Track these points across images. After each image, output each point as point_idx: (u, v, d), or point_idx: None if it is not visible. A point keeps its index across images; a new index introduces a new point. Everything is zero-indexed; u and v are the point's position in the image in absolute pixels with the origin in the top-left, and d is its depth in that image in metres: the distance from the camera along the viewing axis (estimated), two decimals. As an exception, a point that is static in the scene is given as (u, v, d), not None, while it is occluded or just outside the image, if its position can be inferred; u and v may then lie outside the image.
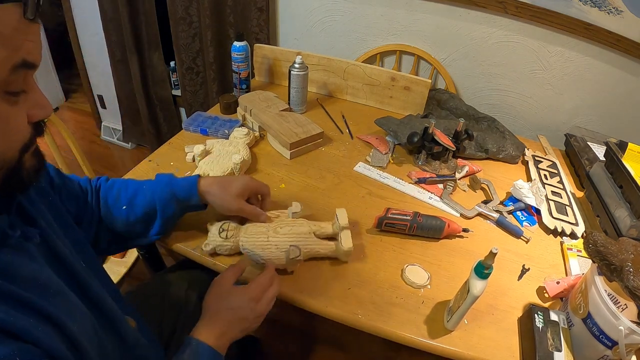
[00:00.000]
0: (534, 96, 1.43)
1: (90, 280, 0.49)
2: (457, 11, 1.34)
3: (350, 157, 1.01)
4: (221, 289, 0.61)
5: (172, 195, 0.67)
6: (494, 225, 0.85)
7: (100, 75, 2.11)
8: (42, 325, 0.36)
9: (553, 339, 0.59)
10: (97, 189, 0.68)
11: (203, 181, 0.69)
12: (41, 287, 0.39)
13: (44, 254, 0.44)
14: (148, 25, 1.75)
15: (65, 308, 0.40)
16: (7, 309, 0.34)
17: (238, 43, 1.12)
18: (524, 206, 0.89)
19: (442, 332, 0.63)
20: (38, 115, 0.39)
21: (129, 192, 0.68)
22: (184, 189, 0.68)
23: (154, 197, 0.67)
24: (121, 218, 0.66)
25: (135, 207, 0.67)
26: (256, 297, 0.60)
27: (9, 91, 0.35)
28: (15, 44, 0.33)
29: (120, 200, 0.67)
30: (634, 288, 0.51)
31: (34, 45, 0.35)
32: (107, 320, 0.49)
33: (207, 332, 0.57)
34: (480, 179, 0.95)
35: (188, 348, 0.55)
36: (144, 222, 0.68)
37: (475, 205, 0.87)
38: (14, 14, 0.33)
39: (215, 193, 0.68)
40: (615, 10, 1.17)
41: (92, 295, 0.48)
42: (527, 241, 0.82)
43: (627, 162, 0.87)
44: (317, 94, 1.30)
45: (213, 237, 0.69)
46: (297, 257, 0.66)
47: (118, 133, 2.29)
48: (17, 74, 0.34)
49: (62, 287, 0.42)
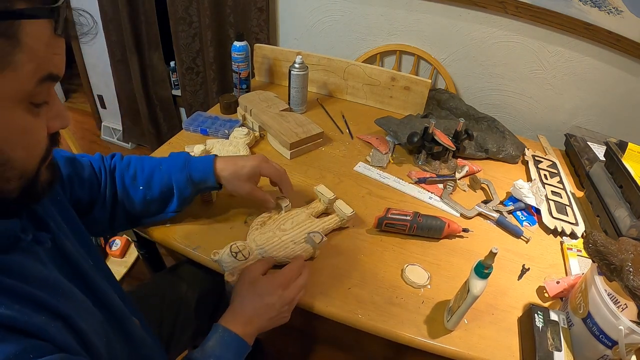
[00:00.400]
0: (534, 96, 1.43)
1: (98, 280, 0.49)
2: (457, 11, 1.34)
3: (350, 157, 1.01)
4: (249, 278, 0.61)
5: (188, 177, 0.67)
6: (494, 225, 0.85)
7: (100, 75, 2.11)
8: (54, 322, 0.36)
9: (553, 338, 0.59)
10: (112, 169, 0.67)
11: (218, 163, 0.69)
12: (51, 287, 0.39)
13: (53, 255, 0.44)
14: (148, 25, 1.75)
15: (74, 307, 0.40)
16: (20, 307, 0.34)
17: (238, 43, 1.12)
18: (524, 206, 0.89)
19: (442, 331, 0.63)
20: (57, 126, 0.40)
21: (146, 172, 0.68)
22: (200, 171, 0.68)
23: (170, 179, 0.67)
24: (138, 198, 0.67)
25: (152, 187, 0.67)
26: (283, 284, 0.60)
27: (34, 102, 0.36)
28: (44, 57, 0.34)
29: (137, 180, 0.67)
30: (633, 288, 0.51)
31: (60, 59, 0.36)
32: (115, 320, 0.49)
33: (233, 319, 0.57)
34: (480, 179, 0.95)
35: (214, 335, 0.55)
36: (161, 201, 0.69)
37: (475, 205, 0.87)
38: (45, 29, 0.34)
39: (228, 177, 0.69)
40: (615, 10, 1.17)
41: (100, 295, 0.49)
42: (527, 241, 0.82)
43: (627, 162, 0.87)
44: (317, 94, 1.30)
45: (231, 263, 0.65)
46: (322, 240, 0.69)
47: (118, 133, 2.29)
48: (43, 86, 0.35)
49: (70, 288, 0.42)
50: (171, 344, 0.78)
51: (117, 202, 0.66)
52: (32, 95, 0.35)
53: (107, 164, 0.67)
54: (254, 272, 0.62)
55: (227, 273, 0.64)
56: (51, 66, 0.35)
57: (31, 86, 0.34)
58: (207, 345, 0.54)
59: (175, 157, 0.70)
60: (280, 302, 0.59)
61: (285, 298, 0.60)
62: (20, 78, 0.33)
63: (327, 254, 0.73)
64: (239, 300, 0.60)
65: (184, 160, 0.69)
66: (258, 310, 0.58)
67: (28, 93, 0.34)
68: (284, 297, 0.60)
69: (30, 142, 0.37)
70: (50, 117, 0.39)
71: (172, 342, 0.78)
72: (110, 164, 0.67)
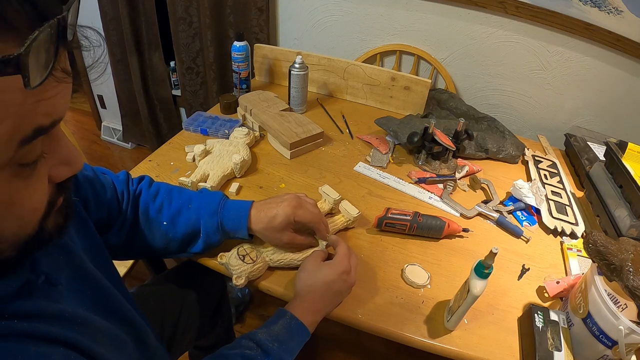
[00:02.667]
0: (534, 96, 1.43)
1: (113, 291, 0.48)
2: (457, 11, 1.34)
3: (350, 157, 1.01)
4: (312, 267, 0.62)
5: (219, 225, 0.62)
6: (494, 225, 0.85)
7: (101, 76, 2.11)
8: (73, 354, 0.35)
9: (553, 338, 0.59)
10: (136, 195, 0.62)
11: (253, 214, 0.63)
12: (67, 321, 0.38)
13: (69, 277, 0.42)
14: (148, 25, 1.75)
15: (90, 335, 0.39)
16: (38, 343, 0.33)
17: (238, 43, 1.12)
18: (524, 206, 0.89)
19: (442, 331, 0.63)
20: (62, 175, 0.33)
21: (173, 208, 0.62)
22: (233, 221, 0.63)
23: (199, 222, 0.62)
24: (160, 233, 0.62)
25: (177, 226, 0.62)
26: (347, 269, 0.61)
27: (23, 163, 0.28)
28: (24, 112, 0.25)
29: (162, 214, 0.62)
30: (633, 288, 0.51)
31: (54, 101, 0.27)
32: (131, 330, 0.48)
33: (302, 308, 0.57)
34: (480, 178, 0.95)
35: (282, 319, 0.55)
36: (184, 242, 0.63)
37: (475, 205, 0.87)
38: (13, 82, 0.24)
39: (261, 230, 0.63)
40: (615, 10, 1.17)
41: (115, 307, 0.47)
42: (527, 241, 0.82)
43: (627, 162, 0.87)
44: (317, 94, 1.30)
45: (239, 267, 0.63)
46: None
47: (118, 133, 2.29)
48: (31, 145, 0.27)
49: (87, 317, 0.41)
50: (173, 345, 0.78)
51: (136, 232, 0.61)
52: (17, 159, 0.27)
53: (133, 188, 0.62)
54: (314, 262, 0.62)
55: (235, 276, 0.63)
56: (38, 118, 0.26)
57: (11, 152, 0.26)
58: (273, 329, 0.54)
59: (208, 197, 0.64)
60: (346, 285, 0.61)
61: (349, 282, 0.61)
62: None
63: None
64: (307, 290, 0.59)
65: (217, 204, 0.63)
66: (328, 297, 0.59)
67: (9, 159, 0.26)
68: (348, 281, 0.61)
69: (22, 211, 0.30)
70: (54, 165, 0.32)
71: (174, 343, 0.78)
72: (135, 188, 0.63)
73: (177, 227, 0.62)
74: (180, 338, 0.79)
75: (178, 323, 0.78)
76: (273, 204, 0.64)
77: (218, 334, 0.95)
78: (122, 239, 0.61)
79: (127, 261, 1.12)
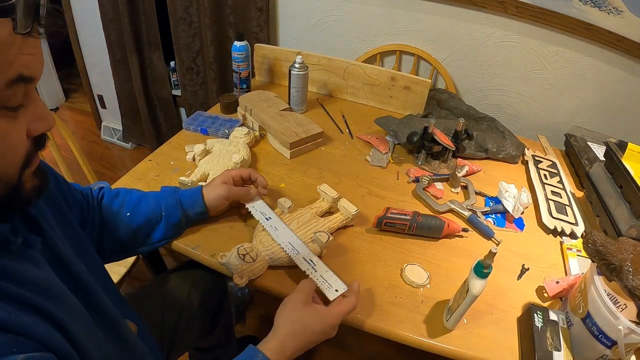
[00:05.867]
0: (534, 96, 1.43)
1: (91, 283, 0.49)
2: (457, 11, 1.34)
3: (350, 157, 1.01)
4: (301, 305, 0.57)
5: (177, 202, 0.70)
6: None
7: (100, 75, 2.11)
8: (43, 323, 0.36)
9: (552, 338, 0.59)
10: (100, 197, 0.69)
11: (205, 189, 0.73)
12: (42, 289, 0.39)
13: (45, 257, 0.44)
14: (148, 25, 1.75)
15: (65, 309, 0.40)
16: (9, 308, 0.34)
17: (238, 43, 1.12)
18: (502, 209, 0.87)
19: (441, 331, 0.63)
20: (39, 129, 0.38)
21: (133, 199, 0.69)
22: (188, 196, 0.71)
23: (159, 203, 0.69)
24: (124, 224, 0.67)
25: (139, 213, 0.68)
26: (336, 325, 0.58)
27: (7, 106, 0.34)
28: (7, 58, 0.32)
29: (124, 207, 0.68)
30: (633, 288, 0.51)
31: (32, 59, 0.34)
32: (106, 322, 0.49)
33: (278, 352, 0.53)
34: (460, 178, 0.95)
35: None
36: (148, 227, 0.69)
37: (447, 201, 0.87)
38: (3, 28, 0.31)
39: (208, 192, 0.72)
40: (615, 10, 1.17)
41: (92, 298, 0.48)
42: (497, 243, 0.80)
43: (627, 162, 0.87)
44: (317, 94, 1.30)
45: (239, 265, 0.64)
46: (329, 239, 0.70)
47: (118, 133, 2.29)
48: (15, 89, 0.33)
49: (62, 290, 0.42)
50: (173, 346, 0.78)
51: (103, 228, 0.66)
52: (3, 99, 0.33)
53: (95, 193, 0.69)
54: (308, 295, 0.58)
55: (236, 276, 0.64)
56: (21, 67, 0.33)
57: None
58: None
59: (164, 188, 0.74)
60: (326, 337, 0.58)
61: (331, 335, 0.58)
62: None
63: (326, 254, 0.73)
64: (288, 332, 0.55)
65: (172, 189, 0.73)
66: (303, 347, 0.56)
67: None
68: (331, 335, 0.58)
69: (6, 148, 0.35)
70: (31, 120, 0.37)
71: (175, 343, 0.78)
72: (98, 192, 0.69)
73: (138, 215, 0.68)
74: (182, 338, 0.79)
75: (179, 323, 0.78)
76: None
77: (218, 335, 0.95)
78: (95, 239, 0.66)
79: (126, 261, 1.12)
